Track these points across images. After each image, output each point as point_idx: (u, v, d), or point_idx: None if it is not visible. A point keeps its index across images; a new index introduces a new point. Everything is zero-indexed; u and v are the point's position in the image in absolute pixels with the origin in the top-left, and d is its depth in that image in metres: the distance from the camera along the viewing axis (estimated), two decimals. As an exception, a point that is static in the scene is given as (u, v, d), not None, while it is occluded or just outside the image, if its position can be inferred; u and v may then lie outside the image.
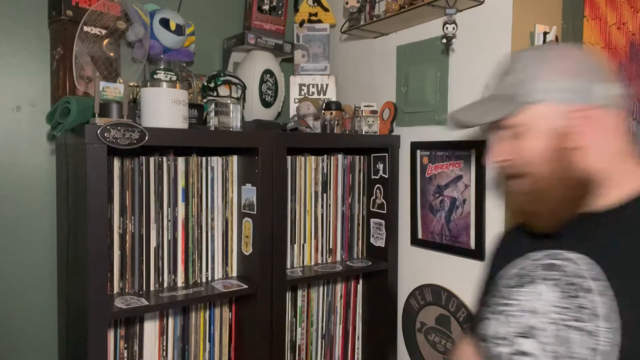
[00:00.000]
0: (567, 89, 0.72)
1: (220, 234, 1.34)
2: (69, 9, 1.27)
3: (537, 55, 0.76)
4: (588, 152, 0.73)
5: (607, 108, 0.73)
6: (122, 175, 1.18)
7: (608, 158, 0.73)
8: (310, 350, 1.53)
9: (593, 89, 0.72)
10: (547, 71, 0.74)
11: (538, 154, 0.74)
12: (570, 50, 0.77)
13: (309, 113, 1.48)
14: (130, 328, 1.23)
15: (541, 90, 0.73)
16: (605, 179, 0.73)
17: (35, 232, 1.37)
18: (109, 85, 1.06)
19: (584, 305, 0.69)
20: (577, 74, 0.72)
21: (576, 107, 0.72)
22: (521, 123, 0.75)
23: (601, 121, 0.72)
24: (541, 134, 0.74)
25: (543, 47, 0.80)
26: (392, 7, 1.40)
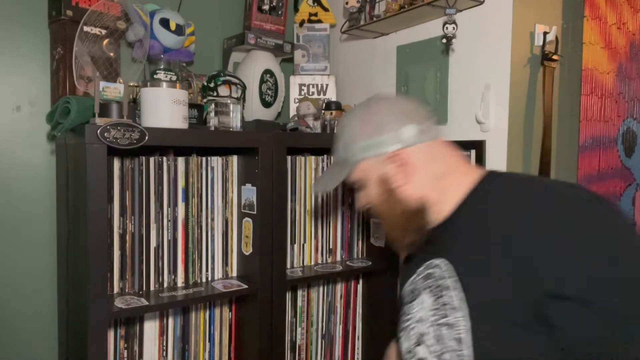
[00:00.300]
0: (378, 144, 0.87)
1: (220, 234, 1.34)
2: (69, 9, 1.27)
3: (352, 119, 0.92)
4: (410, 186, 0.87)
5: (418, 143, 0.86)
6: (122, 175, 1.18)
7: (431, 184, 0.86)
8: (310, 350, 1.53)
9: (400, 134, 0.86)
10: (359, 133, 0.89)
11: (376, 198, 0.91)
12: (376, 106, 0.90)
13: (309, 113, 1.48)
14: (130, 328, 1.23)
15: (359, 150, 0.89)
16: (435, 200, 0.86)
17: (35, 232, 1.37)
18: (109, 85, 1.06)
19: (446, 302, 0.79)
20: (383, 128, 0.87)
21: (389, 155, 0.86)
22: (357, 179, 0.93)
23: (414, 157, 0.86)
24: (373, 183, 0.90)
25: (357, 108, 0.93)
26: (392, 7, 1.40)
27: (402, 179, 0.87)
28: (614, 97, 1.52)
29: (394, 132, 0.86)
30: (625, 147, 1.58)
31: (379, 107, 0.90)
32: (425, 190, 0.87)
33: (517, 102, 1.27)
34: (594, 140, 1.46)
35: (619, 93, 1.53)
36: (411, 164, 0.86)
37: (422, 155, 0.87)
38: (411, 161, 0.86)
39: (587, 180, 1.44)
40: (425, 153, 0.87)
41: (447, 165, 0.88)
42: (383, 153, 0.87)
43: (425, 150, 0.87)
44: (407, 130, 0.86)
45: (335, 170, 0.96)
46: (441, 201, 0.86)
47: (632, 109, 1.59)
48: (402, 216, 0.88)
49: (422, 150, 0.87)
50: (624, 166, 1.58)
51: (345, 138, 0.92)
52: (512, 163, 1.27)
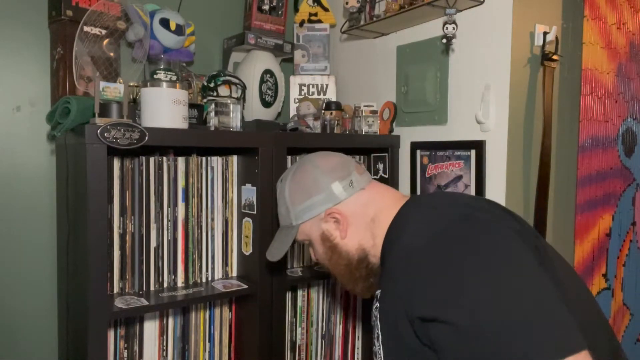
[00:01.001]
0: (312, 206, 0.95)
1: (220, 234, 1.34)
2: (69, 9, 1.27)
3: (285, 186, 0.99)
4: (349, 239, 0.94)
5: (350, 196, 0.94)
6: (122, 175, 1.18)
7: (365, 231, 0.94)
8: (310, 350, 1.53)
9: (330, 193, 0.94)
10: (294, 199, 0.97)
11: (321, 254, 0.99)
12: (303, 170, 0.98)
13: (309, 113, 1.48)
14: (130, 328, 1.23)
15: (298, 214, 0.97)
16: (371, 244, 0.94)
17: (35, 232, 1.37)
18: (109, 85, 1.06)
19: (376, 333, 0.86)
20: (314, 190, 0.95)
21: (327, 211, 0.94)
22: (305, 239, 1.01)
23: (347, 211, 0.94)
24: (316, 241, 0.98)
25: (289, 174, 1.01)
26: (392, 7, 1.40)
27: (340, 233, 0.95)
28: (613, 97, 1.52)
29: (325, 191, 0.94)
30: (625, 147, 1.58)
31: (307, 170, 0.98)
32: (361, 238, 0.95)
33: (517, 102, 1.27)
34: (594, 140, 1.46)
35: (619, 93, 1.53)
36: (345, 217, 0.94)
37: (353, 206, 0.95)
38: (344, 215, 0.94)
39: (587, 180, 1.44)
40: (356, 203, 0.95)
41: (377, 207, 0.94)
42: (320, 212, 0.95)
43: (356, 201, 0.95)
44: (336, 187, 0.94)
45: (282, 236, 1.03)
46: (376, 244, 0.93)
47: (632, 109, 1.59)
48: (347, 268, 0.96)
49: (354, 202, 0.95)
50: (624, 166, 1.58)
51: (283, 205, 1.00)
52: (512, 163, 1.27)
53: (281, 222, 1.04)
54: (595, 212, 1.48)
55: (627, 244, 1.60)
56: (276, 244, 1.05)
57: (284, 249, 1.02)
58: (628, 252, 1.60)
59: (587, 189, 1.44)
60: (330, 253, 0.97)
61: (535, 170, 1.29)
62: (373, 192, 0.97)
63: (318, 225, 0.97)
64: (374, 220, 0.94)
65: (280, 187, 1.02)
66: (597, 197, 1.48)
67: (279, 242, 1.04)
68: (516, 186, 1.28)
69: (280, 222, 1.04)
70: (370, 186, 0.97)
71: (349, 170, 0.96)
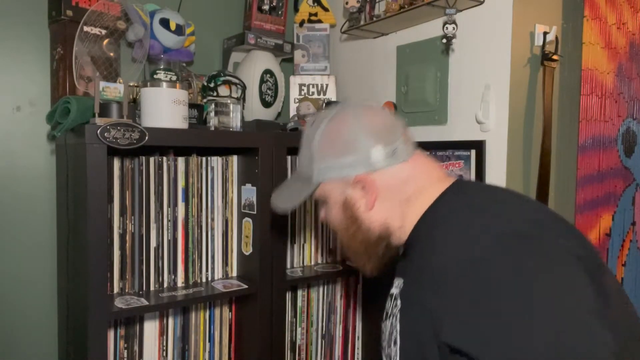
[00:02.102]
0: (344, 165, 0.81)
1: (220, 234, 1.34)
2: (69, 9, 1.26)
3: (318, 133, 0.84)
4: (374, 213, 0.82)
5: (387, 167, 0.80)
6: (122, 175, 1.18)
7: (395, 210, 0.81)
8: (310, 350, 1.53)
9: (368, 157, 0.79)
10: (325, 151, 0.82)
11: (337, 220, 0.87)
12: (344, 121, 0.82)
13: (309, 113, 1.48)
14: (130, 328, 1.23)
15: (324, 170, 0.83)
16: (398, 225, 0.82)
17: (35, 232, 1.37)
18: (109, 85, 1.06)
19: (392, 332, 0.78)
20: (350, 148, 0.80)
21: (358, 177, 0.80)
22: (321, 197, 0.88)
23: (381, 182, 0.80)
24: (335, 204, 0.85)
25: (324, 119, 0.84)
26: (392, 7, 1.40)
27: (366, 205, 0.82)
28: (613, 97, 1.52)
29: (362, 154, 0.80)
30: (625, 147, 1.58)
31: (347, 122, 0.82)
32: (389, 216, 0.82)
33: (517, 102, 1.27)
34: (594, 140, 1.46)
35: (618, 93, 1.53)
36: (377, 189, 0.81)
37: (390, 179, 0.81)
38: (377, 187, 0.80)
39: (587, 180, 1.44)
40: (394, 177, 0.81)
41: (416, 187, 0.81)
42: (349, 176, 0.81)
43: (394, 174, 0.81)
44: (376, 153, 0.79)
45: (296, 187, 0.89)
46: (404, 226, 0.82)
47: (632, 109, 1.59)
48: (363, 243, 0.84)
49: (391, 174, 0.81)
50: (624, 166, 1.58)
51: (309, 153, 0.85)
52: (512, 163, 1.27)
53: (299, 171, 0.90)
54: (595, 212, 1.48)
55: (627, 244, 1.60)
56: (287, 193, 0.92)
57: (295, 203, 0.88)
58: (628, 252, 1.60)
59: (587, 189, 1.44)
60: (349, 223, 0.84)
61: (535, 170, 1.29)
62: (416, 168, 0.82)
63: (342, 188, 0.83)
64: (409, 201, 0.81)
65: (309, 133, 0.86)
66: (597, 197, 1.48)
67: (291, 193, 0.90)
68: (516, 186, 1.28)
69: (298, 170, 0.90)
70: (413, 158, 0.82)
71: (396, 135, 0.81)
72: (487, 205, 0.74)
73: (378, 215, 0.82)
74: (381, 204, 0.81)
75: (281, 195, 0.93)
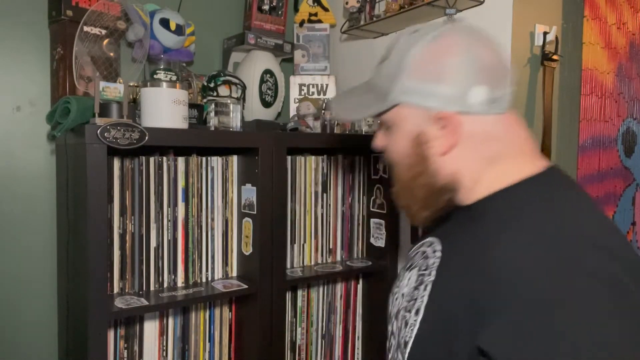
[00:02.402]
0: (433, 94, 0.67)
1: (220, 234, 1.34)
2: (69, 9, 1.27)
3: (415, 45, 0.69)
4: (448, 160, 0.70)
5: (483, 113, 0.68)
6: (122, 175, 1.18)
7: (471, 165, 0.70)
8: (310, 350, 1.53)
9: (468, 94, 0.67)
10: (416, 69, 0.68)
11: (401, 153, 0.74)
12: (451, 42, 0.68)
13: (309, 113, 1.48)
14: (130, 328, 1.23)
15: (407, 90, 0.69)
16: (468, 185, 0.71)
17: (35, 232, 1.37)
18: (109, 85, 1.06)
19: (416, 297, 0.71)
20: (448, 77, 0.67)
21: (443, 114, 0.67)
22: (389, 121, 0.74)
23: (468, 129, 0.68)
24: (405, 135, 0.72)
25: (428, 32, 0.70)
26: (392, 7, 1.40)
27: (441, 148, 0.69)
28: (613, 97, 1.52)
29: (459, 89, 0.67)
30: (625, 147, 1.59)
31: (455, 46, 0.68)
32: (463, 169, 0.70)
33: (517, 102, 1.27)
34: (594, 140, 1.46)
35: (619, 93, 1.53)
36: (460, 135, 0.68)
37: (479, 129, 0.68)
38: (461, 132, 0.68)
39: (587, 180, 1.44)
40: (483, 128, 0.69)
41: (503, 149, 0.70)
42: (433, 108, 0.68)
43: (485, 125, 0.69)
44: (476, 93, 0.67)
45: (366, 99, 0.76)
46: (474, 189, 0.71)
47: (632, 109, 1.59)
48: (424, 189, 0.72)
49: (481, 123, 0.68)
50: (624, 166, 1.58)
51: (396, 65, 0.70)
52: (512, 163, 1.27)
53: (374, 80, 0.77)
54: (595, 212, 1.48)
55: (627, 244, 1.60)
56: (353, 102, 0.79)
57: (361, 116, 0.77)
58: (628, 252, 1.60)
59: (587, 188, 1.44)
60: (415, 162, 0.72)
61: (535, 170, 1.29)
62: (510, 128, 0.70)
63: (420, 120, 0.70)
64: (490, 162, 0.69)
65: (406, 41, 0.71)
66: (597, 197, 1.48)
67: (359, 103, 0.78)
68: (516, 186, 1.28)
69: (374, 78, 0.77)
70: (508, 116, 0.70)
71: (505, 82, 0.69)
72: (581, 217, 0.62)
73: (450, 164, 0.70)
74: (458, 152, 0.69)
75: (345, 103, 0.81)
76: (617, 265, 0.56)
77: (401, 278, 0.80)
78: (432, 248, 0.76)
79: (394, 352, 0.74)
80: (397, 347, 0.73)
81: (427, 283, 0.70)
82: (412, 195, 0.74)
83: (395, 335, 0.74)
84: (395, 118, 0.73)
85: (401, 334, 0.72)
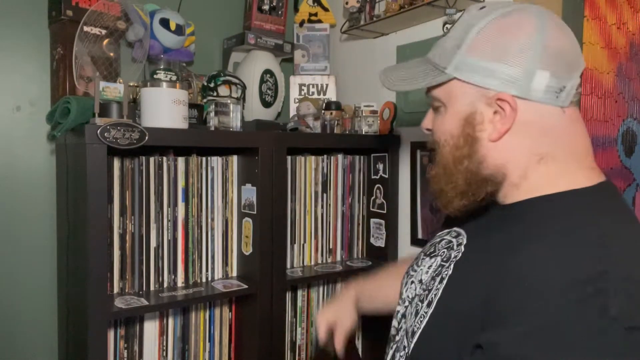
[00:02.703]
0: (494, 73, 0.63)
1: (220, 234, 1.34)
2: (69, 9, 1.27)
3: (483, 19, 0.65)
4: (498, 148, 0.65)
5: (543, 102, 0.63)
6: (122, 175, 1.18)
7: (523, 157, 0.65)
8: (310, 350, 1.53)
9: (531, 78, 0.62)
10: (483, 45, 0.64)
11: (448, 132, 0.69)
12: (519, 23, 0.64)
13: (309, 113, 1.48)
14: (130, 328, 1.23)
15: (467, 67, 0.65)
16: (514, 181, 0.66)
17: (35, 232, 1.37)
18: (109, 85, 1.06)
19: (431, 288, 0.70)
20: (514, 58, 0.62)
21: (504, 97, 0.63)
22: (441, 97, 0.70)
23: (526, 117, 0.63)
24: (456, 113, 0.67)
25: (499, 10, 0.66)
26: (392, 7, 1.40)
27: (495, 132, 0.64)
28: (613, 97, 1.52)
29: (523, 71, 0.62)
30: (625, 147, 1.58)
31: (527, 26, 0.63)
32: (512, 161, 0.65)
33: (517, 102, 1.27)
34: (594, 140, 1.46)
35: (619, 93, 1.53)
36: (515, 121, 0.63)
37: (536, 119, 0.64)
38: (519, 119, 0.63)
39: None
40: (541, 120, 0.64)
41: (555, 149, 0.65)
42: (492, 89, 0.64)
43: (543, 116, 0.64)
44: (541, 79, 0.62)
45: (421, 70, 0.72)
46: (519, 186, 0.66)
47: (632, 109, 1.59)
48: (465, 175, 0.67)
49: (540, 113, 0.63)
50: (624, 166, 1.58)
51: (459, 37, 0.67)
52: (512, 163, 1.27)
53: (432, 53, 0.72)
54: (595, 212, 1.48)
55: (627, 244, 1.60)
56: (407, 73, 0.74)
57: (414, 86, 0.72)
58: (628, 252, 1.60)
59: (587, 189, 1.44)
60: (462, 143, 0.67)
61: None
62: (569, 126, 0.65)
63: (476, 100, 0.65)
64: (541, 161, 0.64)
65: (473, 15, 0.67)
66: (597, 197, 1.48)
67: (413, 74, 0.73)
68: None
69: (432, 51, 0.73)
70: (571, 111, 0.65)
71: (573, 73, 0.63)
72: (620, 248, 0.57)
73: (499, 153, 0.65)
74: (510, 141, 0.65)
75: (398, 73, 0.76)
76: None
77: (420, 263, 0.78)
78: (458, 240, 0.73)
79: (402, 337, 0.74)
80: (405, 333, 0.72)
81: (443, 276, 0.69)
82: (451, 181, 0.69)
83: (407, 320, 0.74)
84: (448, 94, 0.68)
85: (411, 321, 0.71)
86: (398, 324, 0.78)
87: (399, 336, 0.76)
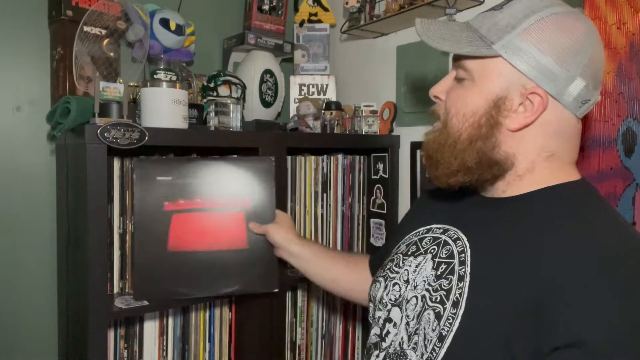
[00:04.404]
0: (538, 66, 0.64)
1: (220, 234, 1.34)
2: (69, 9, 1.26)
3: (545, 9, 0.66)
4: (514, 138, 0.68)
5: (567, 108, 0.66)
6: (122, 175, 1.18)
7: (534, 152, 0.68)
8: (310, 350, 1.53)
9: (572, 85, 0.64)
10: (539, 34, 0.64)
11: (471, 108, 0.69)
12: (576, 28, 0.65)
13: (309, 113, 1.48)
14: (130, 328, 1.23)
15: (517, 50, 0.65)
16: (519, 172, 0.69)
17: (35, 232, 1.37)
18: (109, 85, 1.06)
19: (444, 287, 0.68)
20: (570, 60, 0.64)
21: (537, 90, 0.65)
22: (474, 71, 0.69)
23: (549, 116, 0.66)
24: (485, 92, 0.68)
25: (559, 3, 0.67)
26: (392, 7, 1.40)
27: (517, 123, 0.66)
28: (613, 97, 1.52)
29: (565, 74, 0.64)
30: (625, 147, 1.59)
31: (579, 31, 0.65)
32: (525, 152, 0.68)
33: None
34: (594, 140, 1.46)
35: (619, 93, 1.53)
36: (539, 119, 0.66)
37: (555, 120, 0.67)
38: (542, 117, 0.66)
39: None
40: (559, 122, 0.67)
41: (562, 151, 0.69)
42: (531, 80, 0.65)
43: (561, 120, 0.67)
44: (577, 86, 0.64)
45: (463, 36, 0.70)
46: (521, 178, 0.69)
47: (632, 109, 1.59)
48: (475, 154, 0.68)
49: (560, 117, 0.67)
50: (624, 166, 1.58)
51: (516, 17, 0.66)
52: (512, 163, 1.27)
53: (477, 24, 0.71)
54: (595, 212, 1.48)
55: (627, 244, 1.59)
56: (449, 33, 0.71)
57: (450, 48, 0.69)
58: (628, 252, 1.60)
59: (587, 189, 1.44)
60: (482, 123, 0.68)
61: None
62: (576, 137, 0.71)
63: (511, 85, 0.66)
64: (547, 159, 0.68)
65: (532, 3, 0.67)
66: (597, 197, 1.48)
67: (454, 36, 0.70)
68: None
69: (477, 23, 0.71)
70: (580, 124, 0.71)
71: (599, 90, 0.69)
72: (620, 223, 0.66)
73: (513, 143, 0.68)
74: (526, 134, 0.67)
75: (439, 30, 0.73)
76: None
77: (401, 264, 0.78)
78: (449, 235, 0.73)
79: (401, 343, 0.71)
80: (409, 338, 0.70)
81: (461, 274, 0.67)
82: (461, 156, 0.69)
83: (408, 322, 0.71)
84: (483, 70, 0.68)
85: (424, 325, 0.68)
86: (381, 330, 0.76)
87: (386, 342, 0.73)
